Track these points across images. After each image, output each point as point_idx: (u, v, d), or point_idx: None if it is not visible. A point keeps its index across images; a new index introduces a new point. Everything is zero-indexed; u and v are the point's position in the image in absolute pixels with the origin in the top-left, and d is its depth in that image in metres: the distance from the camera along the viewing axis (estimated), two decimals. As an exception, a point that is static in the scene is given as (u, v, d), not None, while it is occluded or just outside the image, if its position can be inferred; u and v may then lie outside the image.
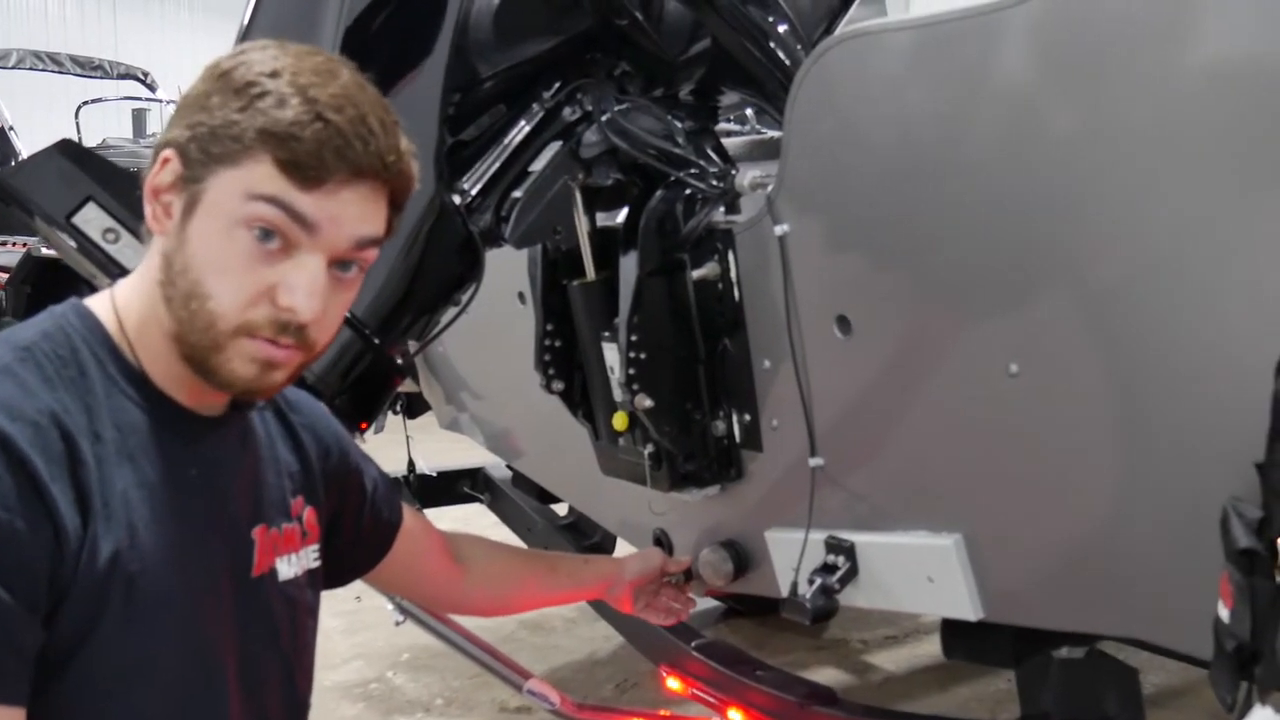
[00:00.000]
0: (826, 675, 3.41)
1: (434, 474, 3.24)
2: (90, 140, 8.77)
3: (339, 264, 1.05)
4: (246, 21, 1.79)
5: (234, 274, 1.01)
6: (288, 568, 1.18)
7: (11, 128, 7.78)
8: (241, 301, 1.01)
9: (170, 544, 1.04)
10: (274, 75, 1.01)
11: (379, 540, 1.43)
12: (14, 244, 6.94)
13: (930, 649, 3.43)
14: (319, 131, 0.99)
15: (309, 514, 1.23)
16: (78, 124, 9.27)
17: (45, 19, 13.31)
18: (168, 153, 1.03)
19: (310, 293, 1.02)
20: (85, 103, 9.44)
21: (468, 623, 2.86)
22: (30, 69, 9.62)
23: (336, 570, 1.34)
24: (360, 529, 1.38)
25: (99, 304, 1.09)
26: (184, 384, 1.09)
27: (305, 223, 1.01)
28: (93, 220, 1.61)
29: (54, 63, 9.72)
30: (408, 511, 1.49)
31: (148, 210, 1.05)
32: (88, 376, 1.03)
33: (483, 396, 2.85)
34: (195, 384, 1.09)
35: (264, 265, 1.01)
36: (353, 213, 1.04)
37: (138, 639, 1.01)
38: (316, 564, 1.24)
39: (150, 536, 1.02)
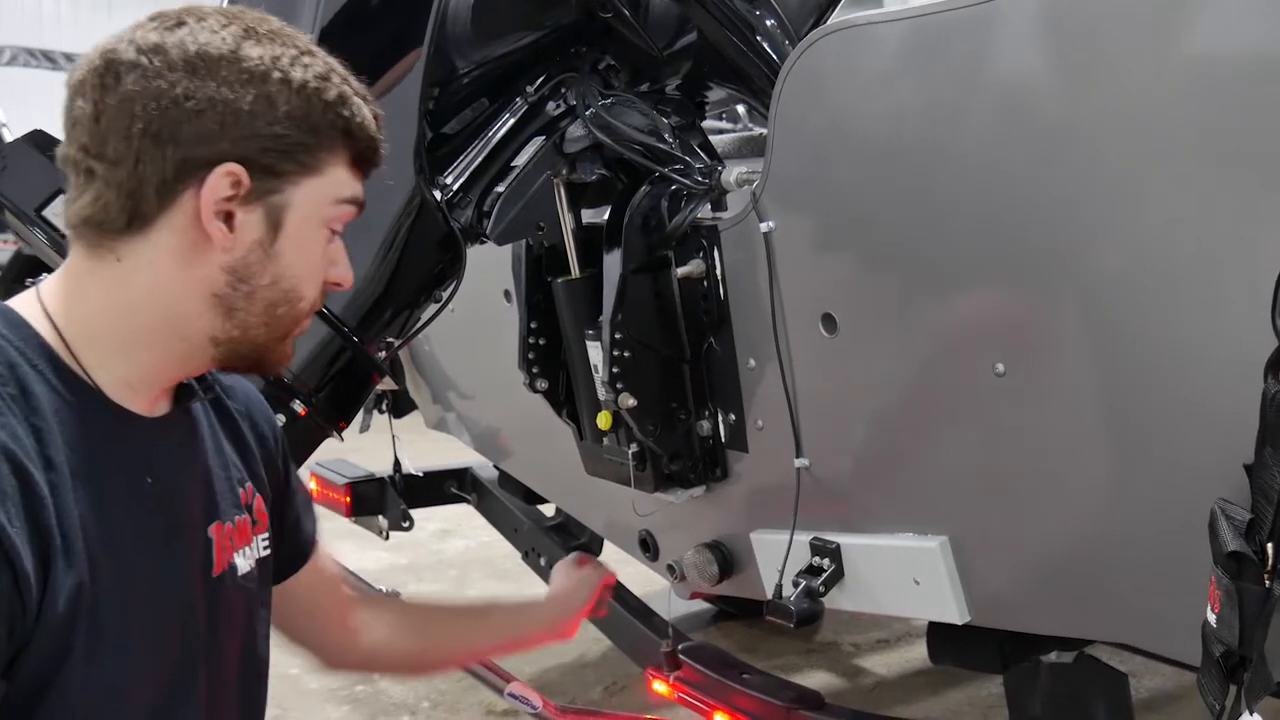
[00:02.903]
0: (817, 679, 3.39)
1: (420, 474, 3.20)
2: (84, 138, 8.75)
3: None
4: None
5: (318, 271, 1.08)
6: (244, 561, 1.14)
7: (5, 124, 7.75)
8: (319, 291, 1.09)
9: (129, 565, 1.00)
10: (326, 78, 1.02)
11: (296, 549, 1.35)
12: (4, 241, 6.92)
13: (922, 652, 3.40)
14: (373, 118, 1.07)
15: (258, 501, 1.19)
16: (72, 122, 9.23)
17: (40, 16, 13.28)
18: (232, 168, 0.97)
19: (348, 264, 1.11)
20: (79, 100, 9.41)
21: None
22: (24, 66, 9.60)
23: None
24: (283, 527, 1.31)
25: (27, 309, 1.01)
26: (143, 388, 1.04)
27: (362, 208, 1.10)
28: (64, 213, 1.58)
29: (48, 60, 9.70)
30: (325, 552, 1.41)
31: (209, 228, 0.98)
32: (30, 394, 0.96)
33: (469, 395, 2.82)
34: (160, 387, 1.06)
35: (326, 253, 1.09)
36: None
37: (105, 670, 0.97)
38: (267, 553, 1.20)
39: (109, 562, 0.97)
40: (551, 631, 1.76)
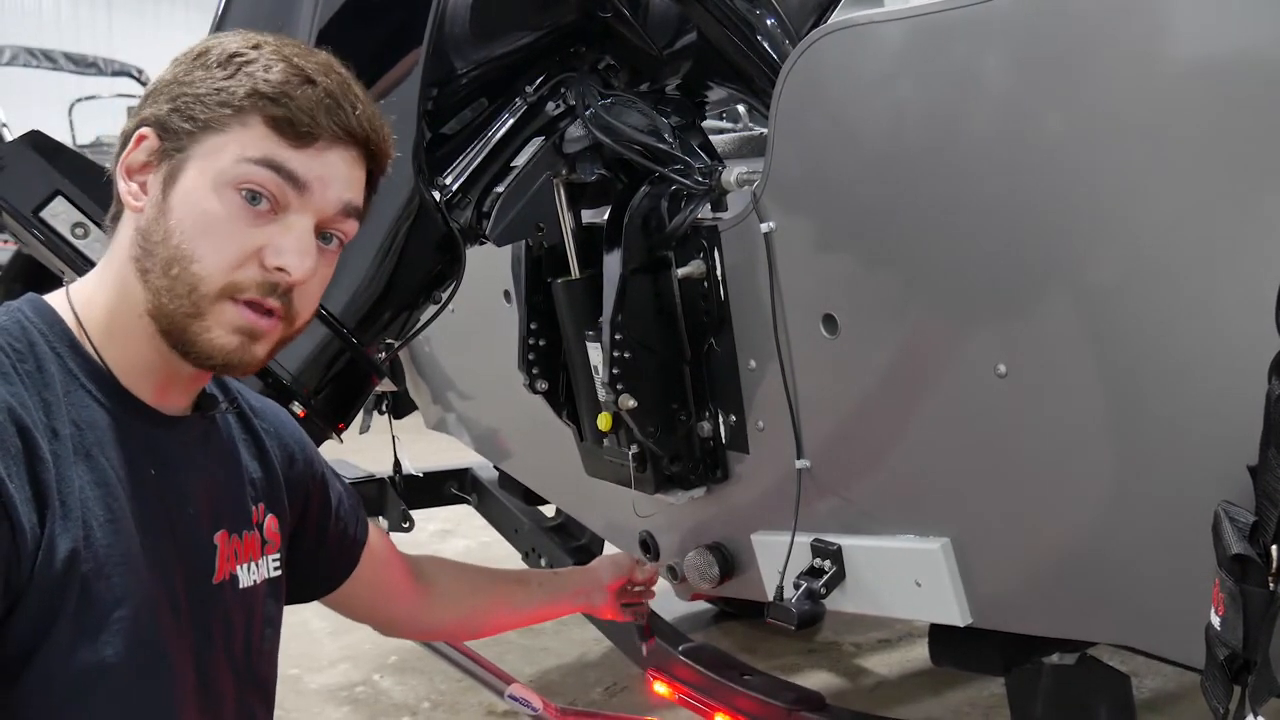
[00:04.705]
0: (818, 679, 3.38)
1: (420, 474, 3.20)
2: (84, 138, 8.74)
3: (320, 235, 1.06)
4: (219, 15, 1.76)
5: (220, 235, 1.00)
6: (247, 576, 1.15)
7: (5, 124, 7.73)
8: (228, 263, 1.00)
9: (125, 544, 1.01)
10: (257, 48, 1.03)
11: (345, 556, 1.39)
12: (4, 241, 6.90)
13: (924, 653, 3.39)
14: (310, 92, 1.01)
15: (270, 522, 1.20)
16: (71, 121, 9.23)
17: (39, 16, 13.27)
18: (144, 130, 1.03)
19: (300, 252, 1.02)
20: (79, 100, 9.40)
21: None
22: (24, 66, 9.59)
23: (301, 584, 1.30)
24: (325, 541, 1.35)
25: (56, 300, 1.07)
26: (149, 378, 1.06)
27: (296, 182, 1.02)
28: (61, 214, 1.57)
29: (48, 60, 9.69)
30: (371, 528, 1.45)
31: (122, 188, 1.04)
32: (45, 371, 1.00)
33: (469, 396, 2.82)
34: (161, 378, 1.07)
35: (251, 227, 1.01)
36: (339, 175, 1.04)
37: (92, 644, 0.98)
38: (277, 573, 1.21)
39: (105, 536, 0.99)
40: (583, 600, 1.77)
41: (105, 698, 1.00)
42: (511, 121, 1.84)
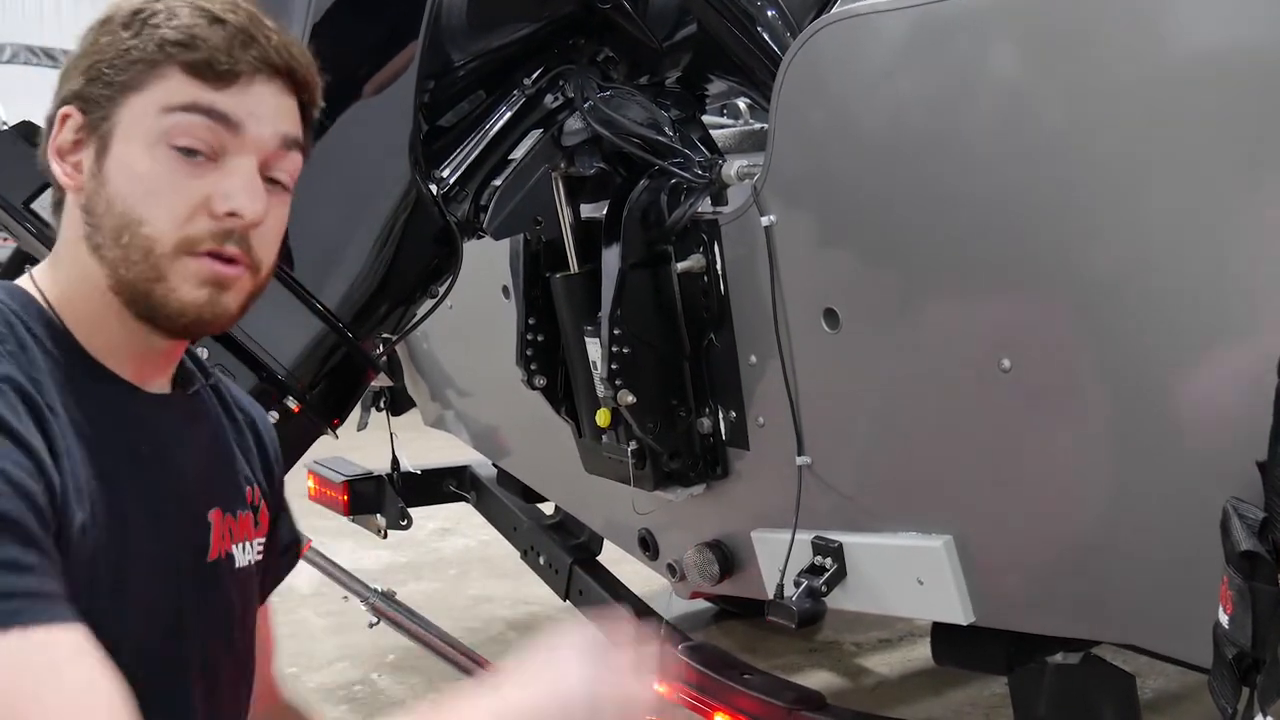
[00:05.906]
0: (819, 679, 3.37)
1: (418, 472, 3.19)
2: (84, 135, 8.73)
3: (266, 179, 1.03)
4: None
5: (163, 193, 0.98)
6: (242, 555, 1.14)
7: (5, 123, 7.71)
8: (177, 218, 0.98)
9: (126, 525, 1.00)
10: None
11: (275, 575, 1.29)
12: (3, 238, 6.89)
13: (924, 652, 3.38)
14: (219, 30, 0.99)
15: (264, 505, 1.19)
16: (71, 119, 9.22)
17: (40, 14, 13.27)
18: (66, 109, 1.00)
19: (249, 192, 0.99)
20: (79, 98, 9.40)
21: (447, 625, 2.82)
22: (25, 64, 9.60)
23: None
24: (272, 549, 1.28)
25: (24, 284, 1.05)
26: (123, 356, 1.05)
27: (228, 122, 0.99)
28: (51, 206, 1.55)
29: (49, 58, 9.70)
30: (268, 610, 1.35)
31: (57, 171, 1.01)
32: (28, 350, 0.98)
33: (467, 393, 2.80)
34: (136, 355, 1.05)
35: (194, 179, 0.98)
36: (269, 107, 1.02)
37: (100, 626, 0.97)
38: (260, 558, 1.19)
39: (106, 516, 0.98)
40: None
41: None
42: (509, 114, 1.82)
